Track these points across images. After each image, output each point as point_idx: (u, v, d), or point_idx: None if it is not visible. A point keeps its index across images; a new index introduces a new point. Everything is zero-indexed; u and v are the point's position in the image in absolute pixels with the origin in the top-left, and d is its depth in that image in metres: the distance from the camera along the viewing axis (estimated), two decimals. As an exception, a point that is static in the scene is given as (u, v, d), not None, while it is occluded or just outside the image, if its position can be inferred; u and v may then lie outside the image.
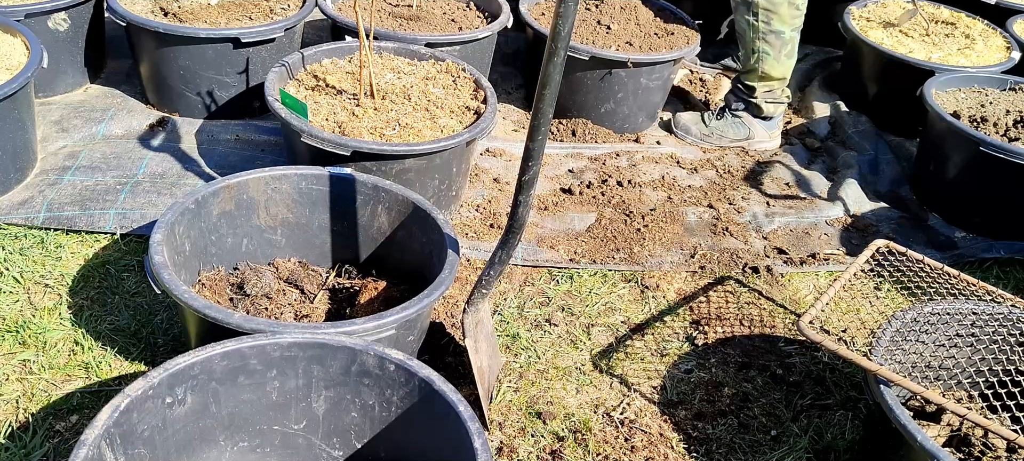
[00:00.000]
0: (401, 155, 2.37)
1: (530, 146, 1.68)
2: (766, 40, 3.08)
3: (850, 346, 2.35)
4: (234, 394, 1.64)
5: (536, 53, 3.21)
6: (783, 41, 3.09)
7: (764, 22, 3.05)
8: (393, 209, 2.20)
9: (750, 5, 3.05)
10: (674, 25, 3.42)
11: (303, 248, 2.27)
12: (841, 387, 2.24)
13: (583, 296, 2.45)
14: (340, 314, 2.11)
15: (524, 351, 2.23)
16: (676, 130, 3.30)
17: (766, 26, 3.05)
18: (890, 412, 1.71)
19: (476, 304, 1.94)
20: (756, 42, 3.09)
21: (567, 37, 1.53)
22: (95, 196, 2.51)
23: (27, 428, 1.87)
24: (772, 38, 3.08)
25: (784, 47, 3.11)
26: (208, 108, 2.98)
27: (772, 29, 3.06)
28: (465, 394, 1.83)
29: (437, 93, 2.69)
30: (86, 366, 2.03)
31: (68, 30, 2.95)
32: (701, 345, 2.32)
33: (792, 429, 2.10)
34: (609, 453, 1.97)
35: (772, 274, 2.62)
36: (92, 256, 2.35)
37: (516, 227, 1.81)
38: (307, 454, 1.74)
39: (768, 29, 3.06)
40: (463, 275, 2.44)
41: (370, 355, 1.64)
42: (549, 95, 1.60)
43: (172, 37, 2.80)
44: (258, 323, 1.71)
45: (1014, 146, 2.76)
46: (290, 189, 2.19)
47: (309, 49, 2.77)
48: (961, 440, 1.92)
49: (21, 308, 2.17)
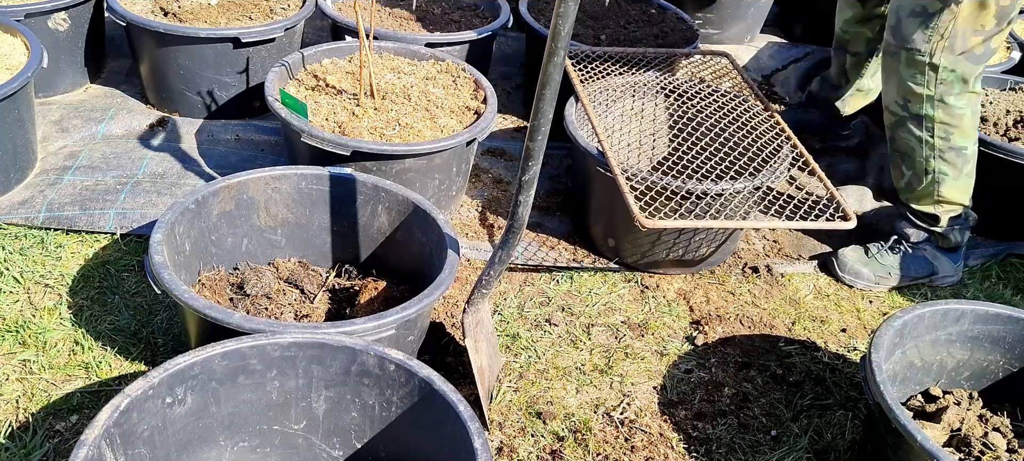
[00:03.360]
0: (401, 155, 2.37)
1: (530, 146, 1.68)
2: (944, 159, 2.49)
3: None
4: (234, 394, 1.64)
5: (536, 53, 3.21)
6: (965, 159, 2.50)
7: (942, 138, 2.46)
8: (393, 209, 2.20)
9: (922, 119, 2.45)
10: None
11: (303, 248, 2.27)
12: (841, 387, 2.24)
13: (583, 296, 2.45)
14: (340, 314, 2.11)
15: (524, 351, 2.23)
16: (842, 274, 2.64)
17: (944, 142, 2.46)
18: (890, 412, 1.71)
19: (476, 304, 1.94)
20: (932, 161, 2.49)
21: (567, 37, 1.52)
22: (95, 196, 2.51)
23: (27, 428, 1.87)
24: (952, 155, 2.48)
25: (965, 165, 2.51)
26: (208, 108, 2.98)
27: (952, 145, 2.47)
28: (465, 394, 1.83)
29: (437, 93, 2.69)
30: (86, 366, 2.03)
31: (68, 30, 2.95)
32: (701, 345, 2.32)
33: (792, 429, 2.10)
34: (609, 453, 1.97)
35: (772, 274, 2.62)
36: (92, 256, 2.35)
37: (516, 227, 1.81)
38: (307, 454, 1.74)
39: (947, 145, 2.47)
40: (463, 275, 2.44)
41: (370, 355, 1.64)
42: (549, 95, 1.60)
43: (172, 37, 2.80)
44: (258, 323, 1.71)
45: (1014, 146, 2.76)
46: (290, 189, 2.19)
47: (309, 49, 2.77)
48: (961, 440, 1.92)
49: (21, 308, 2.17)
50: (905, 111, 2.48)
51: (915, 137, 2.48)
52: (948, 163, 2.49)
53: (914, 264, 2.63)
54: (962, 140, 2.47)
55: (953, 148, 2.47)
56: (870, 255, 2.64)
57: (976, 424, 1.96)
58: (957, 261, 2.68)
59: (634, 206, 2.18)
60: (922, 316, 2.00)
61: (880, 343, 1.87)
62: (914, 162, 2.52)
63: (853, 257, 2.64)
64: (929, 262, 2.64)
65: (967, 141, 2.48)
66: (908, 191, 2.60)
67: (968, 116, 2.44)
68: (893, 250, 2.64)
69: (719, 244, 2.53)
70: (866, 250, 2.65)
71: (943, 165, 2.50)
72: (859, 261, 2.63)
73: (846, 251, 2.66)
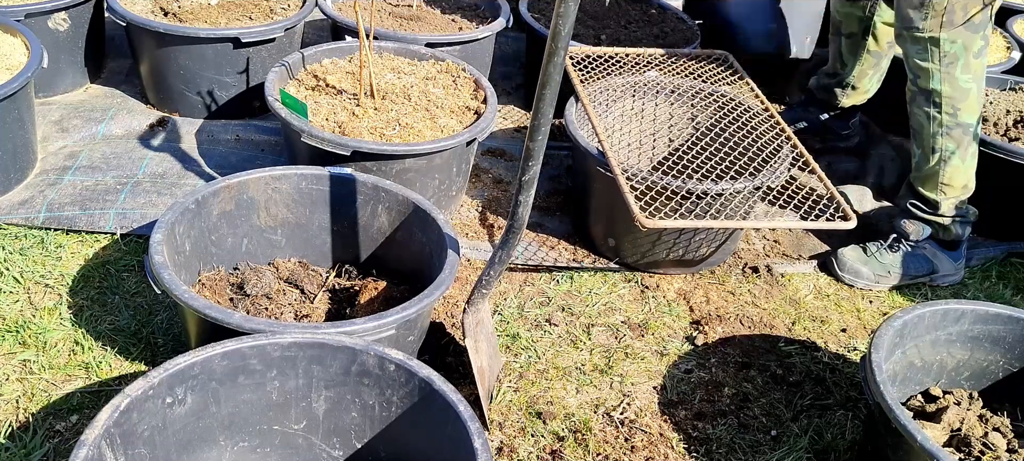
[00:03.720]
0: (401, 155, 2.37)
1: (530, 146, 1.68)
2: (951, 136, 2.52)
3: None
4: (234, 394, 1.64)
5: (536, 53, 3.21)
6: (970, 137, 2.53)
7: (949, 114, 2.49)
8: (393, 209, 2.20)
9: (930, 94, 2.50)
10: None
11: (303, 248, 2.27)
12: (841, 387, 2.24)
13: (583, 296, 2.45)
14: (340, 314, 2.11)
15: (524, 351, 2.23)
16: (842, 273, 2.64)
17: (951, 118, 2.50)
18: (890, 412, 1.71)
19: (476, 304, 1.94)
20: (939, 138, 2.52)
21: (567, 37, 1.53)
22: (95, 196, 2.51)
23: (27, 428, 1.87)
24: (959, 133, 2.51)
25: (971, 145, 2.54)
26: (208, 108, 2.98)
27: (959, 121, 2.50)
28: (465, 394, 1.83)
29: (437, 93, 2.69)
30: (86, 366, 2.03)
31: (68, 30, 2.95)
32: (701, 345, 2.32)
33: (792, 429, 2.10)
34: (609, 453, 1.97)
35: (772, 274, 2.62)
36: (92, 256, 2.35)
37: (516, 227, 1.81)
38: (307, 454, 1.74)
39: (954, 121, 2.50)
40: (463, 275, 2.44)
41: (370, 355, 1.64)
42: (549, 95, 1.60)
43: (172, 37, 2.80)
44: (258, 323, 1.71)
45: (1014, 146, 2.76)
46: (290, 189, 2.19)
47: (309, 49, 2.77)
48: (961, 440, 1.92)
49: (21, 308, 2.17)
50: (915, 86, 2.54)
51: (924, 113, 2.53)
52: (954, 141, 2.52)
53: (914, 262, 2.63)
54: (969, 116, 2.50)
55: (960, 124, 2.50)
56: (869, 254, 2.64)
57: (976, 424, 1.96)
58: (958, 259, 2.68)
59: (634, 206, 2.18)
60: (922, 316, 2.00)
61: (880, 343, 1.87)
62: (923, 138, 2.56)
63: (852, 256, 2.64)
64: (929, 260, 2.65)
65: (972, 118, 2.51)
66: (916, 172, 2.63)
67: (974, 92, 2.48)
68: (892, 248, 2.64)
69: (719, 244, 2.53)
70: (865, 249, 2.65)
71: (949, 142, 2.52)
72: (858, 260, 2.63)
73: (845, 250, 2.66)
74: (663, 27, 3.50)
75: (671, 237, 2.45)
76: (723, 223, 2.32)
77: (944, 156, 2.54)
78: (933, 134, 2.53)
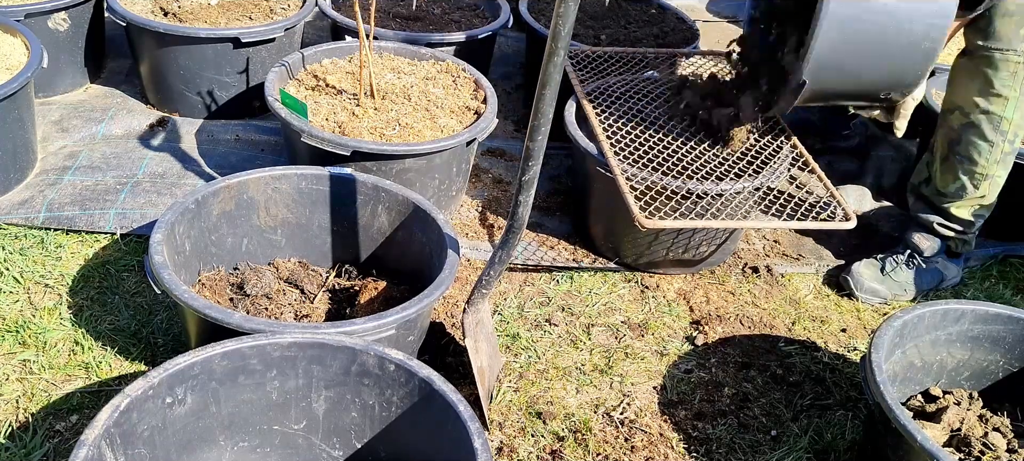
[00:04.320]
0: (401, 155, 2.37)
1: (530, 146, 1.68)
2: (1004, 162, 2.44)
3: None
4: (234, 394, 1.64)
5: (536, 53, 3.21)
6: (1009, 161, 2.47)
7: (1010, 141, 2.40)
8: (393, 209, 2.20)
9: (1000, 121, 2.37)
10: None
11: (303, 248, 2.27)
12: (841, 387, 2.24)
13: (583, 296, 2.45)
14: (340, 314, 2.11)
15: (524, 351, 2.23)
16: (858, 292, 2.58)
17: (1010, 145, 2.41)
18: (890, 412, 1.71)
19: (476, 304, 1.94)
20: (993, 165, 2.43)
21: (567, 37, 1.53)
22: (95, 196, 2.51)
23: (27, 428, 1.87)
24: (1010, 160, 2.45)
25: (1008, 167, 2.50)
26: (208, 108, 2.98)
27: (1014, 149, 2.43)
28: (465, 394, 1.83)
29: (437, 93, 2.69)
30: (86, 366, 2.03)
31: (68, 30, 2.95)
32: (701, 345, 2.32)
33: (792, 429, 2.10)
34: (609, 453, 1.97)
35: (772, 274, 2.62)
36: (92, 256, 2.35)
37: (516, 227, 1.81)
38: (307, 454, 1.74)
39: (1011, 147, 2.42)
40: (463, 275, 2.44)
41: (370, 355, 1.64)
42: (549, 95, 1.60)
43: (172, 37, 2.80)
44: (258, 323, 1.71)
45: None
46: (290, 189, 2.19)
47: (309, 49, 2.77)
48: (961, 440, 1.92)
49: (21, 308, 2.17)
50: (983, 113, 2.39)
51: (985, 141, 2.41)
52: (1004, 167, 2.47)
53: (927, 277, 2.62)
54: (1020, 142, 2.45)
55: (1014, 151, 2.45)
56: (885, 273, 2.60)
57: (976, 424, 1.96)
58: (959, 263, 2.69)
59: (634, 206, 2.18)
60: (922, 316, 2.00)
61: (880, 343, 1.87)
62: (976, 165, 2.45)
63: (869, 275, 2.59)
64: (940, 272, 2.63)
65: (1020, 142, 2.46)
66: (954, 198, 2.53)
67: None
68: (908, 265, 2.60)
69: (719, 244, 2.53)
70: (881, 268, 2.61)
71: (1001, 170, 2.46)
72: (875, 279, 2.59)
73: (861, 269, 2.61)
74: (663, 27, 3.49)
75: (670, 237, 2.45)
76: (723, 223, 2.32)
77: (995, 183, 2.48)
78: (989, 161, 2.43)
